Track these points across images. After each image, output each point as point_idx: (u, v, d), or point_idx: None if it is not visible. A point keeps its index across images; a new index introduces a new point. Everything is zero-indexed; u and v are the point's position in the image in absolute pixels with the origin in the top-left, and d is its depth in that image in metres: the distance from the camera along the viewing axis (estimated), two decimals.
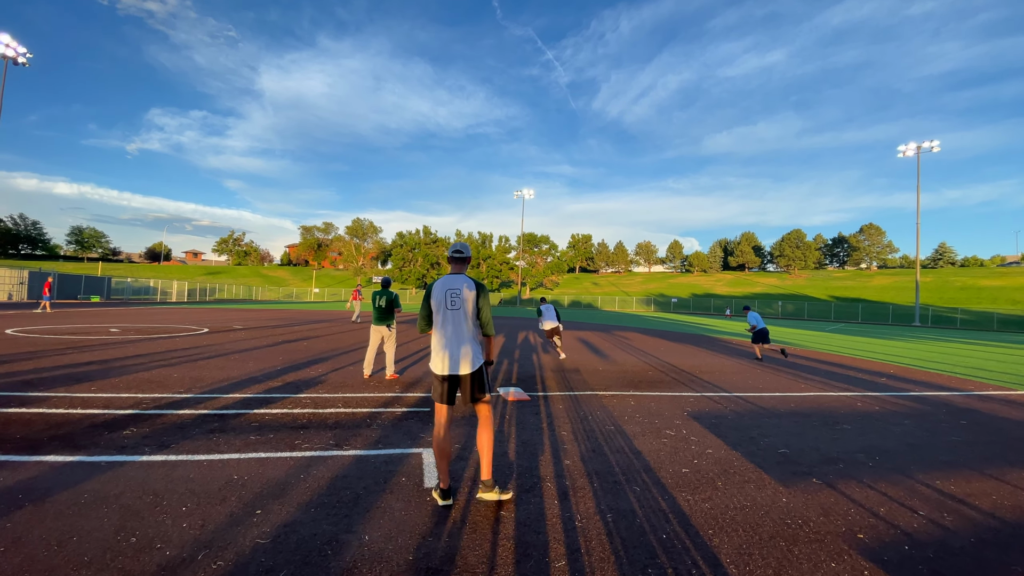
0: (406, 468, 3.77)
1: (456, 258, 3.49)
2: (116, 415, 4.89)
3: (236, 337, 13.19)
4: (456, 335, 3.28)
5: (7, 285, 32.76)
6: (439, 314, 3.33)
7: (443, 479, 3.20)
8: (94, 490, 3.12)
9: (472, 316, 3.34)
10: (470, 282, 3.37)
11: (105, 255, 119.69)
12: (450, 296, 3.31)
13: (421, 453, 4.14)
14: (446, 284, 3.36)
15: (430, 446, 4.33)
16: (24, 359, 8.10)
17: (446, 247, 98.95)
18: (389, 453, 4.10)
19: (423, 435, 4.67)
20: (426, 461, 3.94)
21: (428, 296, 3.38)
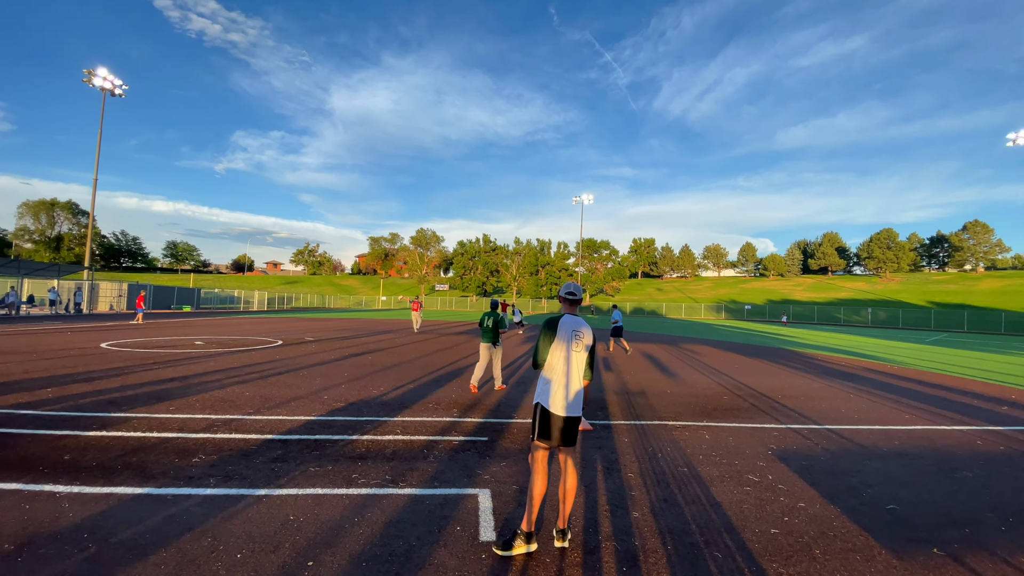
0: (461, 515, 3.56)
1: (570, 300, 3.60)
2: (188, 439, 5.09)
3: (307, 351, 13.77)
4: (576, 376, 3.32)
5: (108, 297, 36.53)
6: (562, 352, 3.31)
7: (532, 523, 3.13)
8: (156, 531, 3.15)
9: (587, 360, 3.40)
10: (588, 325, 3.49)
11: (196, 267, 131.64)
12: (575, 336, 3.34)
13: (477, 495, 3.91)
14: (571, 324, 3.38)
15: (486, 485, 4.12)
16: (112, 375, 8.79)
17: (505, 255, 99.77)
18: (444, 494, 3.91)
19: (479, 471, 4.45)
20: (482, 506, 3.71)
21: (552, 332, 3.33)
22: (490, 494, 3.94)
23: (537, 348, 3.35)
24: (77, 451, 4.58)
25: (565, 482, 3.23)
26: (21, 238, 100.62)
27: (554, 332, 3.33)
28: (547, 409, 3.24)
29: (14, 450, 4.54)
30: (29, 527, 3.12)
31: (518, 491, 4.04)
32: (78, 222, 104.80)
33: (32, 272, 31.04)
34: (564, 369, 3.29)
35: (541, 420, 3.25)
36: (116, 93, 39.36)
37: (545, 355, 3.34)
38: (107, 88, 38.53)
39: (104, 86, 38.28)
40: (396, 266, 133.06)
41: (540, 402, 3.29)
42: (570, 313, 3.52)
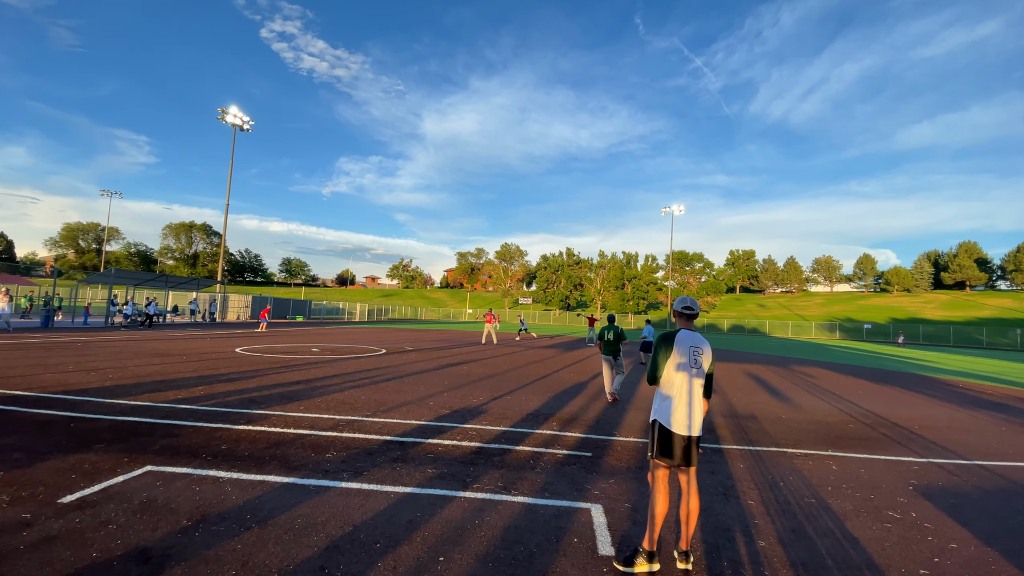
0: (576, 527, 3.57)
1: (687, 314, 3.45)
2: (319, 437, 5.61)
3: (407, 359, 14.58)
4: (697, 394, 3.22)
5: (236, 308, 41.27)
6: (681, 369, 3.22)
7: (654, 542, 3.07)
8: (306, 516, 3.52)
9: (705, 377, 3.31)
10: (707, 342, 3.37)
11: (306, 281, 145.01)
12: (694, 352, 3.26)
13: (590, 510, 3.90)
14: (689, 339, 3.30)
15: (597, 501, 4.09)
16: (249, 377, 9.91)
17: (589, 268, 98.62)
18: (557, 505, 3.95)
19: (587, 486, 4.44)
20: (596, 521, 3.69)
21: (669, 347, 3.27)
22: (602, 510, 3.91)
23: (655, 363, 3.30)
24: (230, 442, 5.24)
25: (688, 503, 3.14)
26: (165, 256, 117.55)
27: (671, 347, 3.26)
28: (666, 428, 3.17)
29: (180, 439, 5.29)
30: (201, 505, 3.62)
31: (631, 509, 3.97)
32: (211, 241, 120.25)
33: (175, 285, 36.07)
34: (683, 387, 3.20)
35: (660, 438, 3.19)
36: (244, 128, 44.96)
37: (662, 371, 3.28)
38: (237, 124, 44.15)
39: (234, 122, 43.91)
40: (481, 280, 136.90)
41: (658, 420, 3.23)
42: (686, 328, 3.42)
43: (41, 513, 3.33)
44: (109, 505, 3.51)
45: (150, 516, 3.37)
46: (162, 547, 2.96)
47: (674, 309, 3.52)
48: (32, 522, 3.19)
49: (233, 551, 2.96)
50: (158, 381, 8.67)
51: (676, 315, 3.51)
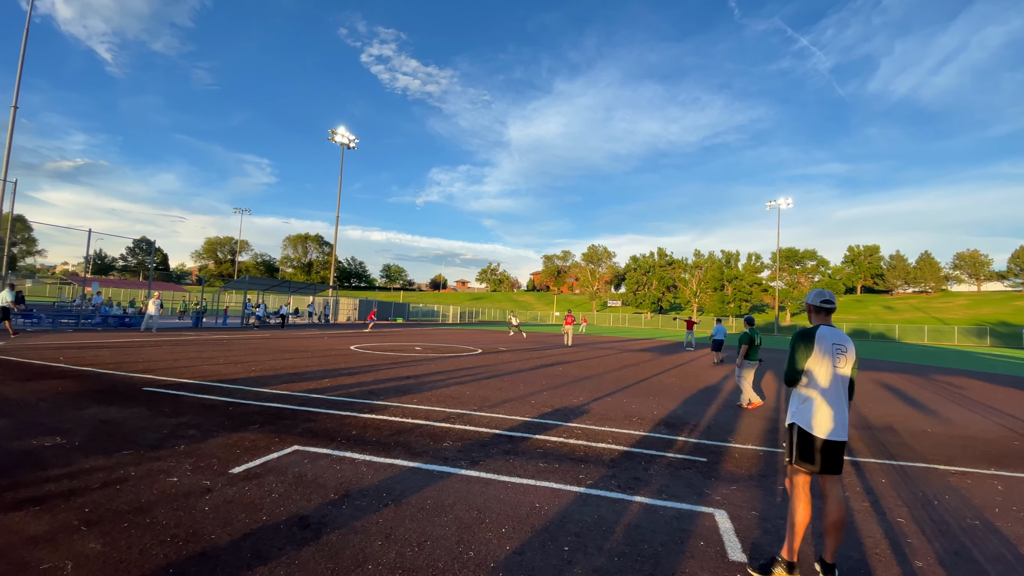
0: (701, 531, 3.45)
1: (827, 309, 3.20)
2: (435, 427, 5.96)
3: (503, 359, 14.96)
4: (841, 396, 2.99)
5: (346, 310, 44.97)
6: (823, 368, 3.00)
7: (794, 552, 2.90)
8: (434, 498, 3.77)
9: (850, 377, 3.07)
10: (850, 339, 3.13)
11: (404, 285, 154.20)
12: (837, 350, 3.03)
13: (713, 515, 3.75)
14: (831, 336, 3.06)
15: (720, 507, 3.91)
16: (365, 371, 10.75)
17: (683, 268, 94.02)
18: (677, 508, 3.84)
19: (707, 491, 4.26)
20: (722, 526, 3.54)
21: (809, 345, 3.05)
22: (727, 515, 3.74)
23: (792, 362, 3.08)
24: (359, 428, 5.74)
25: (830, 513, 2.90)
26: (285, 264, 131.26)
27: (811, 345, 3.03)
28: (807, 431, 2.96)
29: (317, 424, 5.89)
30: (343, 482, 4.01)
31: (759, 517, 3.75)
32: (323, 251, 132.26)
33: (295, 291, 40.20)
34: (826, 387, 2.97)
35: (800, 443, 2.98)
36: (350, 146, 48.95)
37: (800, 371, 3.06)
38: (344, 143, 48.20)
39: (342, 141, 47.99)
40: (568, 283, 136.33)
41: (797, 423, 3.02)
42: (825, 324, 3.16)
43: (218, 481, 3.90)
44: (269, 477, 4.03)
45: (303, 488, 3.81)
46: (318, 516, 3.33)
47: (809, 304, 3.26)
48: (212, 488, 3.74)
49: (376, 524, 3.25)
50: (291, 373, 9.74)
51: (813, 311, 3.24)
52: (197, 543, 2.88)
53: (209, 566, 2.64)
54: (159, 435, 5.04)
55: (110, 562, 2.62)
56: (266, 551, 2.83)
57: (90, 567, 2.56)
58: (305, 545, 2.92)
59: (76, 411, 5.84)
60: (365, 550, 2.90)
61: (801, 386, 3.07)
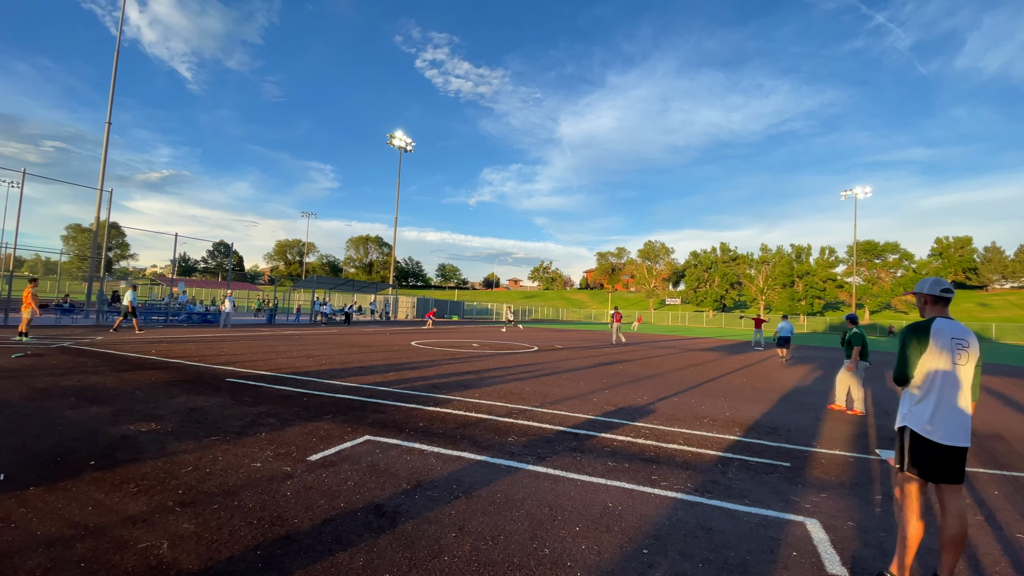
0: (792, 540, 3.18)
1: (946, 298, 2.89)
2: (498, 422, 5.94)
3: (560, 356, 14.80)
4: (963, 395, 2.68)
5: (405, 308, 46.43)
6: (941, 365, 2.69)
7: (905, 568, 2.64)
8: (504, 492, 3.72)
9: (972, 376, 2.74)
10: (972, 332, 2.79)
11: (458, 284, 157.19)
12: (957, 345, 2.71)
13: (804, 523, 3.45)
14: (950, 329, 2.74)
15: (812, 515, 3.60)
16: (427, 366, 10.95)
17: (748, 264, 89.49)
18: (763, 515, 3.57)
19: (794, 497, 3.94)
20: (815, 536, 3.24)
21: (924, 339, 2.73)
22: (820, 525, 3.43)
23: (904, 359, 2.76)
24: (425, 421, 5.81)
25: (949, 527, 2.58)
26: (348, 265, 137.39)
27: (926, 340, 2.71)
28: (920, 435, 2.64)
29: (386, 415, 6.03)
30: (414, 472, 4.05)
31: (857, 529, 3.41)
32: (382, 251, 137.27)
33: (358, 289, 41.92)
34: (944, 386, 2.65)
35: (913, 448, 2.67)
36: (408, 150, 50.38)
37: (913, 368, 2.74)
38: (402, 146, 49.67)
39: (400, 145, 49.50)
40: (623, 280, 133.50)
41: (909, 426, 2.71)
42: (942, 316, 2.83)
43: (297, 467, 4.05)
44: (344, 465, 4.13)
45: (376, 477, 3.88)
46: (392, 504, 3.37)
47: (924, 293, 2.91)
48: (292, 474, 3.89)
49: (449, 515, 3.24)
50: (359, 367, 10.09)
51: (929, 301, 2.90)
52: (281, 527, 2.97)
53: (294, 549, 2.72)
54: (242, 423, 5.33)
55: (203, 542, 2.76)
56: (346, 537, 2.88)
57: (184, 546, 2.70)
58: (382, 533, 2.95)
59: (168, 399, 6.31)
60: (440, 541, 2.89)
61: (914, 385, 2.75)
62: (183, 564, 2.52)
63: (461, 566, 2.63)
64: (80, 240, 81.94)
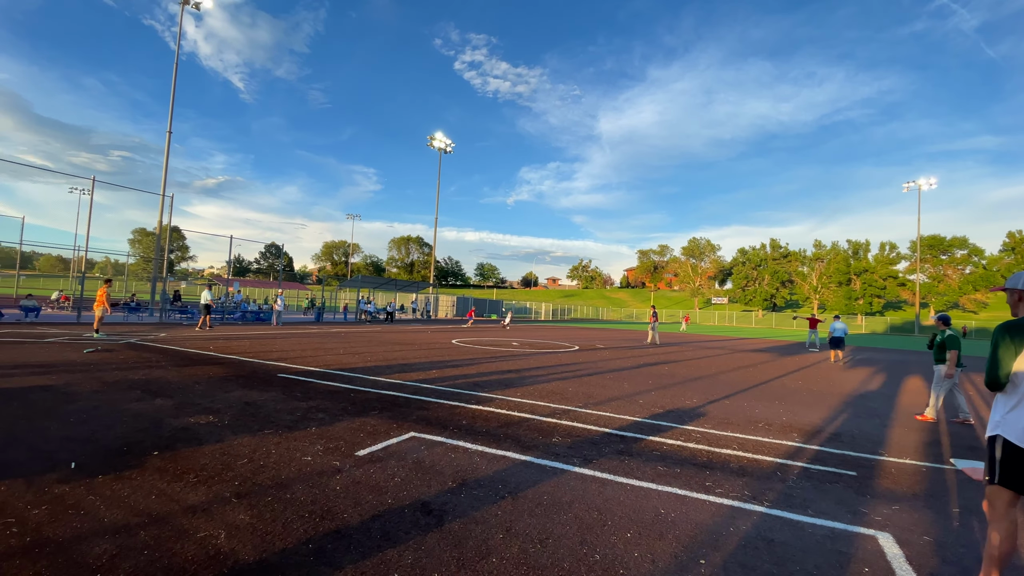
0: (863, 555, 2.94)
1: None
2: (542, 422, 5.85)
3: (602, 356, 14.55)
4: None
5: (445, 307, 47.09)
6: None
7: None
8: (550, 494, 3.63)
9: None
10: None
11: (497, 283, 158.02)
12: None
13: (876, 537, 3.19)
14: None
15: (881, 528, 3.34)
16: (468, 364, 10.99)
17: (801, 261, 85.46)
18: (829, 526, 3.33)
19: (863, 509, 3.66)
20: (888, 552, 2.99)
21: (1020, 339, 2.47)
22: (893, 539, 3.16)
23: (996, 361, 2.49)
24: (468, 419, 5.80)
25: None
26: (390, 265, 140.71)
27: (1021, 340, 2.44)
28: (1015, 444, 2.38)
29: (430, 412, 6.06)
30: (459, 471, 4.02)
31: (934, 544, 3.13)
32: (423, 251, 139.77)
33: (400, 289, 42.81)
34: None
35: (1005, 458, 2.41)
36: (447, 151, 50.96)
37: (1007, 371, 2.47)
38: (441, 148, 50.29)
39: (440, 146, 50.13)
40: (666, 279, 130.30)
41: (1002, 434, 2.45)
42: None
43: (346, 462, 4.10)
44: (391, 461, 4.16)
45: (422, 474, 3.88)
46: (438, 502, 3.35)
47: (1019, 289, 2.62)
48: (341, 469, 3.94)
49: (495, 516, 3.19)
50: (402, 364, 10.26)
51: (1020, 297, 2.62)
52: (332, 521, 3.01)
53: (344, 544, 2.73)
54: (294, 417, 5.49)
55: (257, 533, 2.82)
56: (394, 534, 2.87)
57: (240, 537, 2.77)
58: (429, 531, 2.93)
59: (224, 393, 6.59)
60: (488, 542, 2.84)
61: (1010, 389, 2.47)
62: (239, 555, 2.57)
63: (510, 569, 2.57)
64: (145, 243, 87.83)
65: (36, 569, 2.35)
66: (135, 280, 54.61)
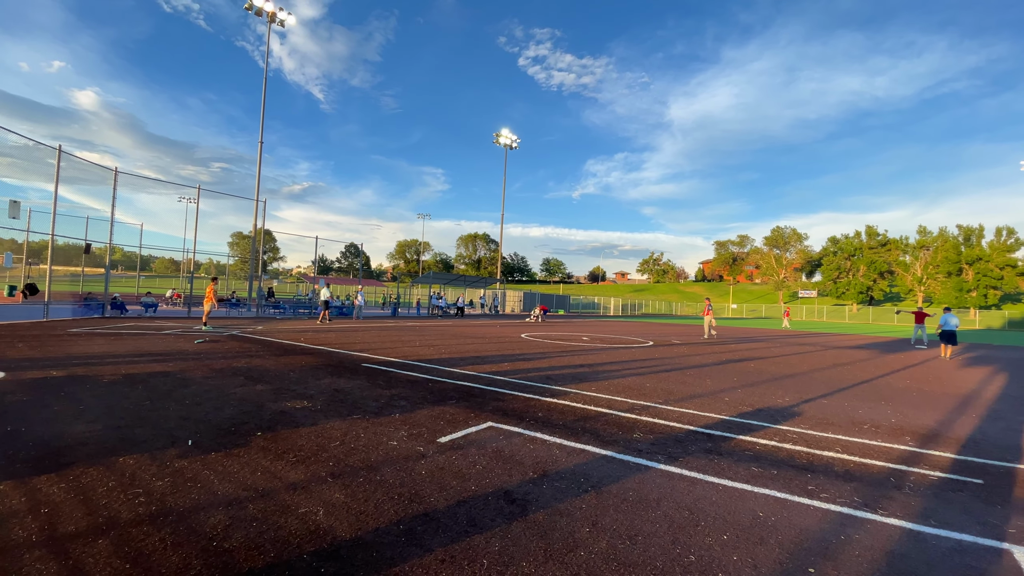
0: (997, 571, 2.58)
1: None
2: (620, 417, 5.69)
3: (679, 352, 13.97)
4: None
5: (512, 302, 47.56)
6: None
7: None
8: (636, 490, 3.50)
9: None
10: None
11: (563, 279, 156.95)
12: None
13: (1011, 552, 2.78)
14: None
15: (1016, 541, 2.91)
16: (539, 358, 10.96)
17: (902, 250, 77.21)
18: (956, 538, 2.93)
19: (993, 520, 3.20)
20: None
21: None
22: None
23: None
24: (544, 411, 5.77)
25: None
26: (458, 261, 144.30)
27: None
28: None
29: (505, 403, 6.09)
30: (540, 462, 3.99)
31: None
32: (489, 248, 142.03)
33: (469, 284, 43.74)
34: None
35: None
36: (513, 147, 51.18)
37: None
38: (507, 144, 50.57)
39: (506, 143, 50.43)
40: (746, 271, 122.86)
41: None
42: None
43: (429, 448, 4.21)
44: (471, 449, 4.22)
45: (503, 463, 3.89)
46: (521, 492, 3.34)
47: None
48: (425, 454, 4.05)
49: (580, 509, 3.12)
50: (475, 356, 10.44)
51: None
52: (420, 504, 3.09)
53: (432, 527, 2.79)
54: (379, 404, 5.74)
55: (352, 512, 2.95)
56: (480, 520, 2.90)
57: (337, 515, 2.91)
58: (514, 520, 2.92)
59: (316, 381, 7.03)
60: (574, 535, 2.78)
61: None
62: (337, 531, 2.70)
63: (599, 563, 2.49)
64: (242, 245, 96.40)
65: (161, 536, 2.60)
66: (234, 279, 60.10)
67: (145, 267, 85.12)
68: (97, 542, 2.50)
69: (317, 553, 2.48)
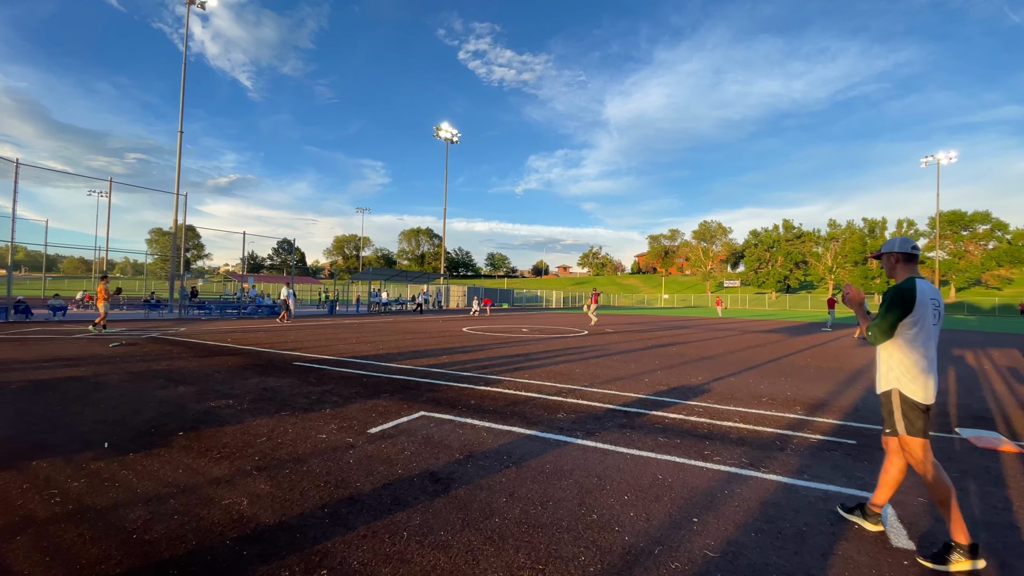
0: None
1: (916, 255, 2.88)
2: (548, 400, 6.02)
3: (611, 340, 14.66)
4: (935, 356, 2.73)
5: (455, 297, 47.54)
6: (921, 328, 2.68)
7: (962, 531, 2.50)
8: (552, 463, 3.79)
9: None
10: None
11: (507, 273, 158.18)
12: (934, 306, 2.71)
13: (870, 498, 3.30)
14: (930, 291, 2.73)
15: (873, 489, 3.44)
16: (478, 350, 11.18)
17: (815, 241, 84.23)
18: (824, 489, 3.45)
19: (859, 474, 3.77)
20: (886, 511, 3.10)
21: (909, 301, 2.66)
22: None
23: (886, 320, 2.68)
24: (477, 399, 5.99)
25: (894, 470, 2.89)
26: (401, 257, 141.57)
27: (912, 302, 2.64)
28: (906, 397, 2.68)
29: (440, 394, 6.25)
30: (467, 445, 4.20)
31: (927, 504, 3.23)
32: (432, 243, 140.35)
33: (411, 280, 43.19)
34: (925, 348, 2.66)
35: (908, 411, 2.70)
36: (454, 141, 50.90)
37: (893, 330, 2.68)
38: (448, 138, 50.23)
39: (446, 137, 50.07)
40: (677, 263, 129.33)
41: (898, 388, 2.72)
42: (918, 276, 2.81)
43: (358, 439, 4.31)
44: (401, 437, 4.36)
45: (431, 448, 4.07)
46: (446, 472, 3.54)
47: (895, 252, 2.85)
48: (354, 445, 4.14)
49: (500, 483, 3.37)
50: (413, 351, 10.48)
51: (902, 260, 2.84)
52: (345, 489, 3.20)
53: (356, 508, 2.93)
54: (309, 400, 5.72)
55: (277, 500, 3.02)
56: (403, 499, 3.06)
57: (261, 503, 2.97)
58: (437, 497, 3.11)
59: (243, 380, 6.85)
60: (491, 505, 3.01)
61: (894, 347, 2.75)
62: (261, 518, 2.78)
63: (512, 527, 2.74)
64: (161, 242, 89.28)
65: (80, 531, 2.57)
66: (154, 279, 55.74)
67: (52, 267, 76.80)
68: (15, 539, 2.45)
69: (240, 538, 2.55)
